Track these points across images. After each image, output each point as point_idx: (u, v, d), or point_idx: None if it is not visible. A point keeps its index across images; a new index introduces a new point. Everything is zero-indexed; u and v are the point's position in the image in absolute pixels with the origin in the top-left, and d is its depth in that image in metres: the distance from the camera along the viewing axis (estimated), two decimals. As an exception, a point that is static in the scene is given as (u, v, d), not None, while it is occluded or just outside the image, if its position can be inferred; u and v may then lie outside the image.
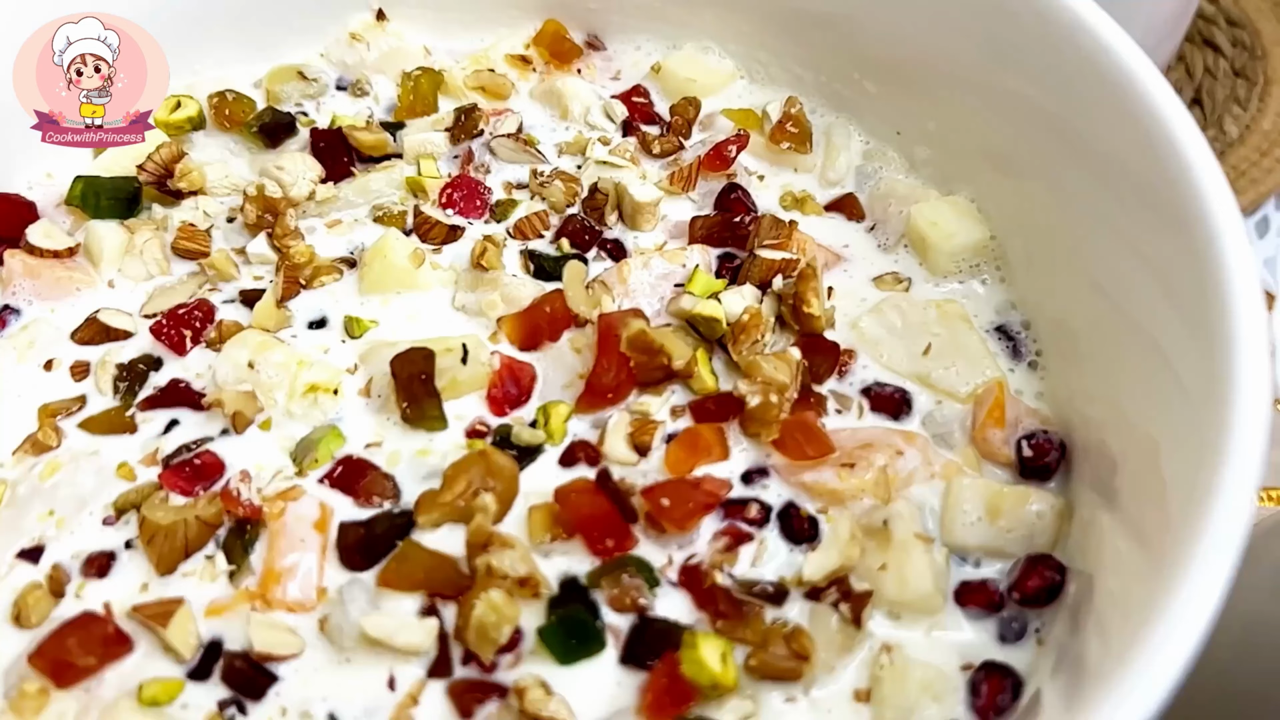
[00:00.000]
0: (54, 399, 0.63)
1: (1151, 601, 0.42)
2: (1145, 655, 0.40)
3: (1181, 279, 0.52)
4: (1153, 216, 0.55)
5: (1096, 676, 0.46)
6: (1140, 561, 0.49)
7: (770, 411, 0.59)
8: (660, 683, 0.51)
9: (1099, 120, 0.59)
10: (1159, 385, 0.53)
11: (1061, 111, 0.62)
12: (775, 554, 0.57)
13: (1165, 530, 0.46)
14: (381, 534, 0.56)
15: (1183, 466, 0.48)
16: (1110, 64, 0.57)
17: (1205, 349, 0.48)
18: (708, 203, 0.73)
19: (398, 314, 0.67)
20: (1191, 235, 0.51)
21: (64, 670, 0.51)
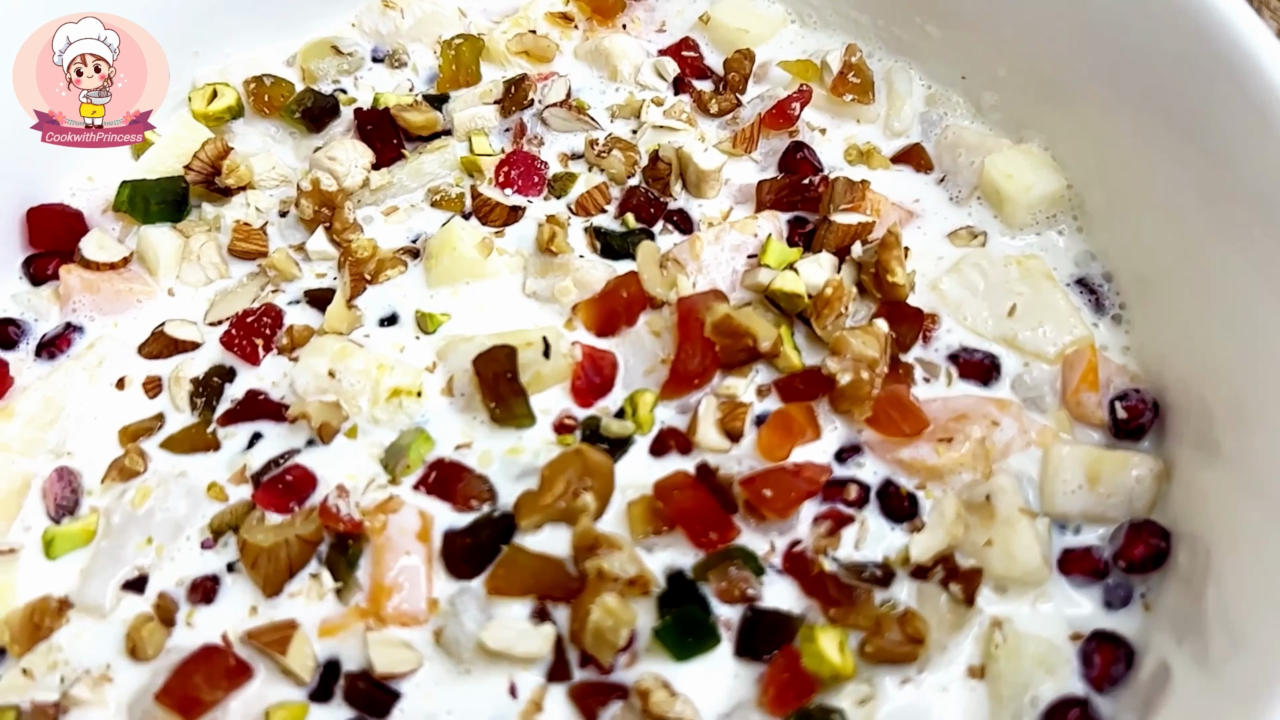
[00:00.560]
0: (132, 420, 0.62)
1: None
2: None
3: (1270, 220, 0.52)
4: (1243, 161, 0.54)
5: (1244, 674, 0.46)
6: (1260, 522, 0.49)
7: (862, 389, 0.58)
8: (781, 677, 0.52)
9: (1188, 64, 0.57)
10: (1258, 343, 0.53)
11: (1146, 54, 0.59)
12: (877, 534, 0.57)
13: None
14: (485, 540, 0.56)
15: None
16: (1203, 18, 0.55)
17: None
18: (771, 163, 0.71)
19: (468, 305, 0.65)
20: None
21: (192, 706, 0.52)
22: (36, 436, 0.61)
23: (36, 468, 0.60)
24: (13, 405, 0.61)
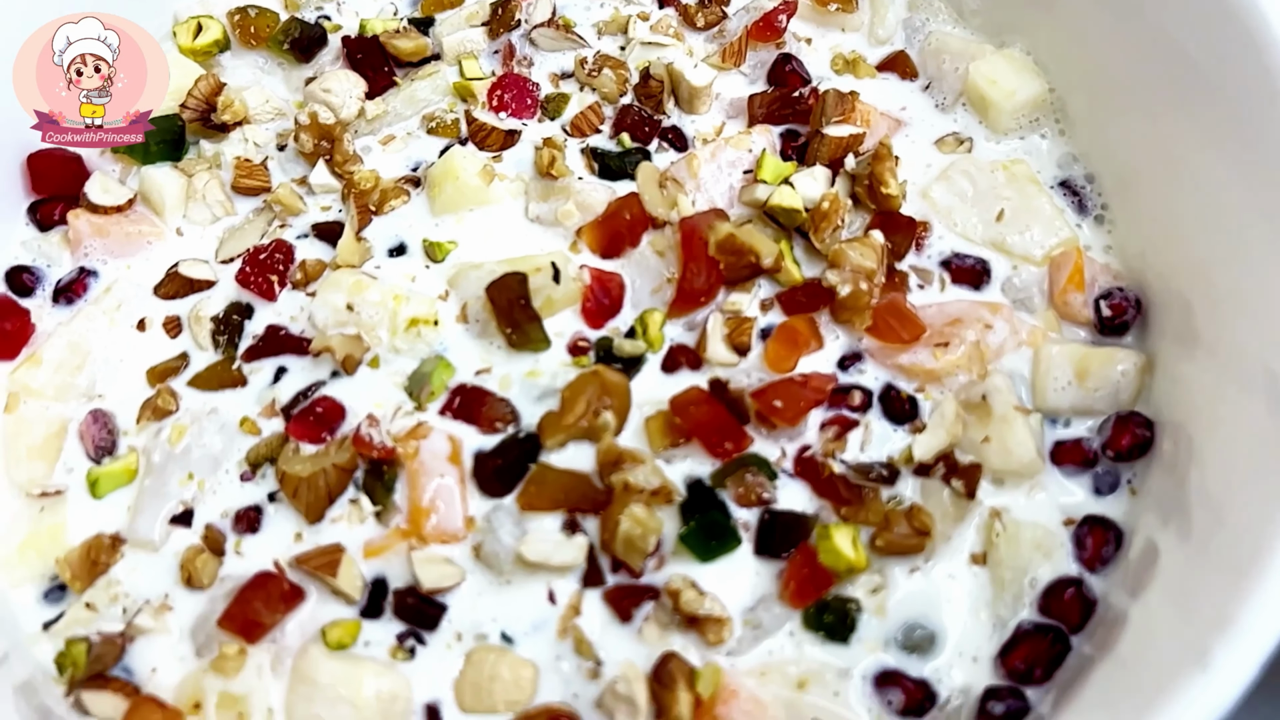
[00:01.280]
0: (158, 360, 0.64)
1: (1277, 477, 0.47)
2: None
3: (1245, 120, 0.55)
4: (1216, 67, 0.57)
5: (1223, 539, 0.50)
6: (1244, 430, 0.52)
7: (862, 299, 0.61)
8: (801, 572, 0.56)
9: None
10: (1231, 238, 0.56)
11: None
12: (881, 436, 0.61)
13: (1276, 405, 0.50)
14: (513, 460, 0.60)
15: (1269, 304, 0.51)
16: None
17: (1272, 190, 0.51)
18: (759, 75, 0.73)
19: (474, 231, 0.67)
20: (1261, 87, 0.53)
21: (253, 628, 0.55)
22: (67, 381, 0.63)
23: (70, 412, 0.62)
24: (39, 352, 0.63)
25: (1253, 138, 0.55)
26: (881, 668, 0.55)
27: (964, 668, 0.55)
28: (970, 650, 0.56)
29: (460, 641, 0.57)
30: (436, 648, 0.56)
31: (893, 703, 0.54)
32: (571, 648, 0.56)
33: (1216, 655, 0.40)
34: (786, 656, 0.56)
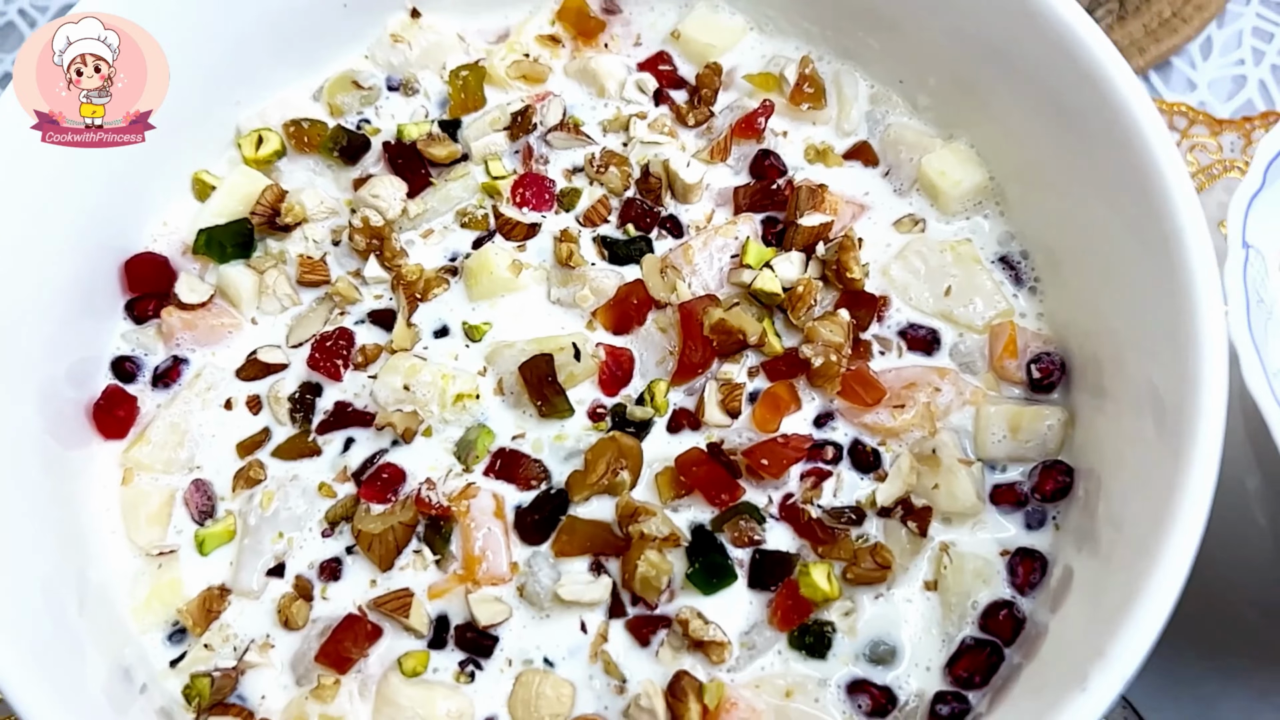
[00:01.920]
0: (245, 435, 0.76)
1: (1161, 480, 0.58)
2: (1175, 529, 0.55)
3: (1132, 205, 0.66)
4: (1101, 152, 0.68)
5: (1125, 551, 0.61)
6: (1139, 452, 0.64)
7: (832, 369, 0.73)
8: (786, 603, 0.68)
9: (1060, 74, 0.70)
10: (1130, 299, 0.68)
11: (1031, 66, 0.72)
12: (850, 484, 0.73)
13: (1160, 421, 0.61)
14: (547, 514, 0.72)
15: (1158, 370, 0.62)
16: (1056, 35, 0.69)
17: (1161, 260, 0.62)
18: (743, 167, 0.84)
19: (505, 314, 0.79)
20: (1139, 171, 0.65)
21: (344, 662, 0.68)
22: (170, 456, 0.75)
23: (176, 482, 0.74)
24: (146, 432, 0.75)
25: (1140, 215, 0.66)
26: (852, 678, 0.68)
27: (919, 676, 0.68)
28: (924, 661, 0.68)
29: (511, 666, 0.69)
30: (491, 672, 0.69)
31: (862, 706, 0.67)
32: (601, 669, 0.69)
33: (1092, 679, 0.53)
34: (776, 671, 0.68)
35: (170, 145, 0.80)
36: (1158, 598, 0.54)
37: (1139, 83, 0.67)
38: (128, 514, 0.73)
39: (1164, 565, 0.55)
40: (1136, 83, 0.66)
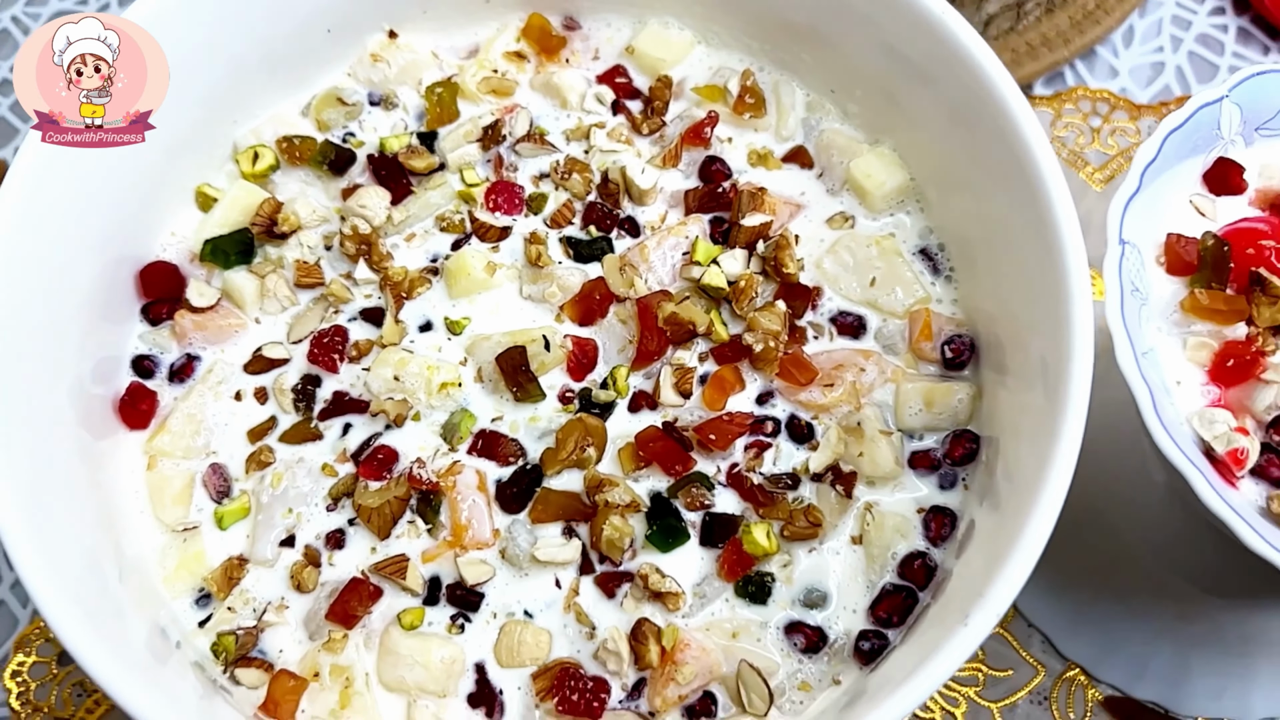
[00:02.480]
0: (254, 423, 0.85)
1: (1043, 440, 0.68)
2: (1050, 475, 0.66)
3: (1021, 200, 0.75)
4: (995, 154, 0.78)
5: (1014, 499, 0.72)
6: (1030, 418, 0.74)
7: (771, 354, 0.84)
8: (732, 558, 0.79)
9: (962, 89, 0.80)
10: (1024, 284, 0.77)
11: (933, 76, 0.82)
12: (787, 454, 0.84)
13: (1040, 394, 0.72)
14: (524, 486, 0.82)
15: (1045, 348, 0.73)
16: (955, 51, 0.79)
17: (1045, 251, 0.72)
18: (693, 170, 0.94)
19: (482, 310, 0.89)
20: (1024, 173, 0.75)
21: (350, 619, 0.78)
22: (189, 444, 0.84)
23: (195, 466, 0.84)
24: (167, 423, 0.84)
25: (1028, 211, 0.75)
26: (789, 620, 0.79)
27: (846, 617, 0.79)
28: (850, 605, 0.79)
29: (496, 618, 0.80)
30: (479, 623, 0.79)
31: (797, 644, 0.78)
32: (574, 618, 0.79)
33: (972, 616, 0.64)
34: (724, 616, 0.79)
35: (175, 162, 0.89)
36: (1029, 545, 0.65)
37: (1021, 95, 0.76)
38: (154, 496, 0.83)
39: (1038, 512, 0.66)
40: (1020, 95, 0.76)
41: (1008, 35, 1.34)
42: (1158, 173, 0.80)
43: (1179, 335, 0.78)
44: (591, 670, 0.78)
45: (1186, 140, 0.81)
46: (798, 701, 0.77)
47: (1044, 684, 1.04)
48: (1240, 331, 0.77)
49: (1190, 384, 0.77)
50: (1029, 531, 0.65)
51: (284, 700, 0.75)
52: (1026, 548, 0.65)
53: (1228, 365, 0.76)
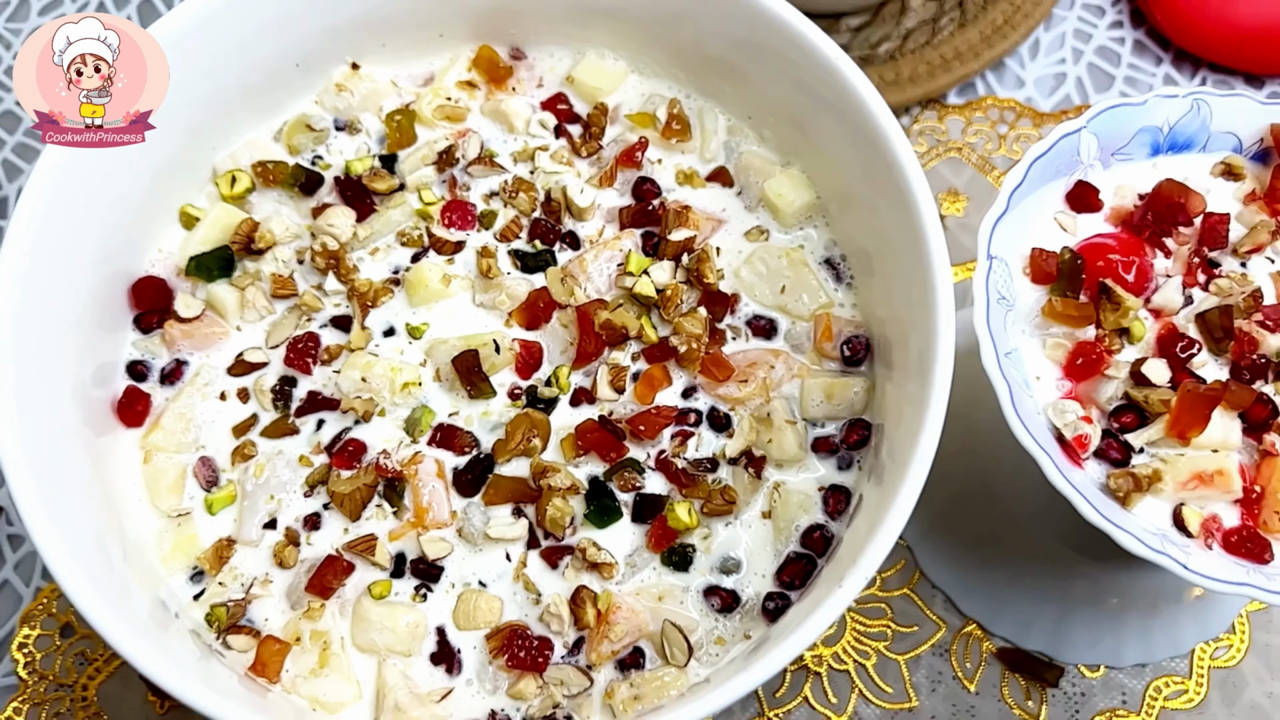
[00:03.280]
0: (238, 420, 0.96)
1: (915, 422, 0.81)
2: (917, 453, 0.78)
3: (900, 216, 0.87)
4: (880, 176, 0.89)
5: (891, 475, 0.85)
6: (910, 407, 0.87)
7: (694, 354, 0.96)
8: (658, 531, 0.91)
9: (853, 116, 0.91)
10: (904, 289, 0.88)
11: (825, 108, 0.94)
12: (708, 442, 0.96)
13: (915, 385, 0.85)
14: (478, 473, 0.94)
15: (919, 345, 0.86)
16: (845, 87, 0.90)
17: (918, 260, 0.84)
18: (627, 189, 1.05)
19: (440, 316, 1.00)
20: (901, 193, 0.86)
21: (326, 590, 0.89)
22: (180, 439, 0.95)
23: (186, 460, 0.95)
24: (160, 422, 0.95)
25: (905, 226, 0.86)
26: (708, 584, 0.91)
27: (756, 581, 0.92)
28: (760, 571, 0.92)
29: (454, 588, 0.91)
30: (439, 593, 0.91)
31: (714, 605, 0.90)
32: (522, 587, 0.91)
33: (846, 579, 0.76)
34: (651, 582, 0.91)
35: (161, 186, 0.99)
36: (897, 515, 0.77)
37: (896, 121, 0.88)
38: (150, 486, 0.94)
39: (905, 486, 0.78)
40: (897, 126, 0.88)
41: (923, 49, 1.46)
42: (1024, 195, 0.92)
43: (1040, 337, 0.91)
44: (537, 631, 0.90)
45: (1050, 165, 0.93)
46: (714, 654, 0.89)
47: (945, 638, 1.17)
48: (1090, 334, 0.90)
49: (1048, 379, 0.89)
50: (897, 503, 0.78)
51: (270, 661, 0.87)
52: (894, 517, 0.77)
53: (1078, 363, 0.88)
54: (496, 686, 0.89)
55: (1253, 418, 0.86)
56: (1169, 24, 1.45)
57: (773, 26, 0.95)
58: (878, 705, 1.15)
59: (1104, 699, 1.15)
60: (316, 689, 0.87)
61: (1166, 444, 0.86)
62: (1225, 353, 0.89)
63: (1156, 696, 1.15)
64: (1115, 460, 0.87)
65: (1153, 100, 0.96)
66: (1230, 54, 1.43)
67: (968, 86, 1.47)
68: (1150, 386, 0.86)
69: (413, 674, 0.89)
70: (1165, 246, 0.93)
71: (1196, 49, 1.45)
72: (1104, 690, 1.15)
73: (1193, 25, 1.43)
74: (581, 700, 0.88)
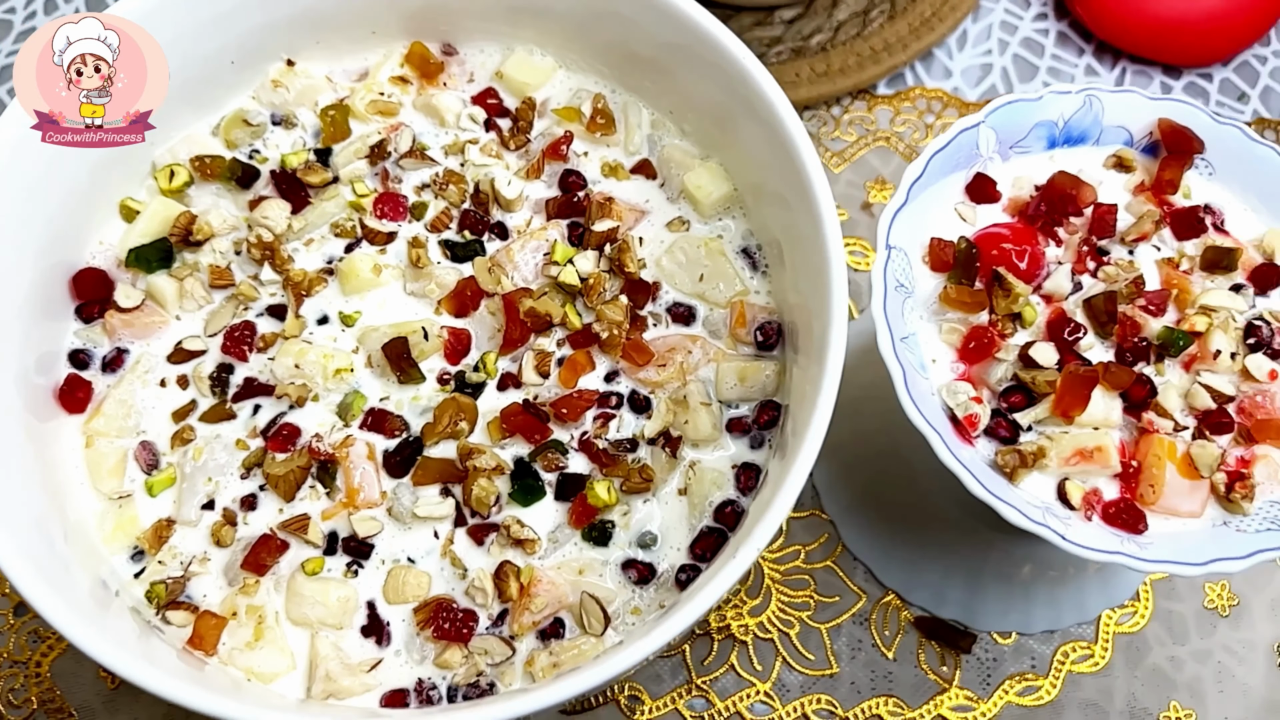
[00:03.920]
0: (177, 406, 1.00)
1: (810, 405, 0.87)
2: (811, 431, 0.83)
3: (803, 208, 0.92)
4: (787, 171, 0.94)
5: (791, 450, 0.91)
6: (811, 389, 0.92)
7: (615, 340, 1.01)
8: (579, 509, 0.96)
9: (763, 115, 0.96)
10: (809, 276, 0.93)
11: (737, 107, 0.98)
12: (628, 423, 1.01)
13: (815, 366, 0.90)
14: (407, 455, 0.98)
15: (819, 329, 0.91)
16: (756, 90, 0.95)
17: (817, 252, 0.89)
18: (554, 181, 1.09)
19: (372, 305, 1.04)
20: (804, 189, 0.91)
21: (261, 567, 0.94)
22: (121, 424, 0.99)
23: (126, 444, 0.99)
24: (101, 408, 0.99)
25: (809, 221, 0.91)
26: (626, 558, 0.96)
27: (671, 555, 0.97)
28: (675, 544, 0.97)
29: (384, 564, 0.96)
30: (370, 569, 0.96)
31: (631, 577, 0.96)
32: (449, 563, 0.96)
33: (739, 552, 0.82)
34: (573, 557, 0.96)
35: (101, 179, 1.02)
36: (790, 488, 0.82)
37: (801, 124, 0.93)
38: (92, 469, 0.98)
39: (799, 461, 0.83)
40: (800, 124, 0.93)
41: (854, 41, 1.51)
42: (924, 187, 0.97)
43: (937, 321, 0.96)
44: (463, 604, 0.95)
45: (949, 159, 0.99)
46: (630, 623, 0.95)
47: (865, 608, 1.23)
48: (983, 319, 0.95)
49: (943, 362, 0.95)
50: (790, 478, 0.83)
51: (208, 635, 0.91)
52: (786, 492, 0.82)
53: (971, 346, 0.94)
54: (424, 657, 0.93)
55: (1133, 397, 0.92)
56: (1089, 17, 1.51)
57: (692, 31, 0.99)
58: (800, 672, 1.20)
59: (1014, 664, 1.21)
60: (252, 660, 0.92)
61: (1052, 422, 0.92)
62: (1110, 336, 0.95)
63: (1064, 661, 1.22)
64: (1004, 438, 0.92)
65: (1048, 96, 1.01)
66: (1148, 45, 1.49)
67: (897, 77, 1.52)
68: (1037, 368, 0.92)
69: (344, 645, 0.93)
70: (1057, 235, 0.99)
71: (1116, 40, 1.51)
72: (1015, 655, 1.22)
73: (1112, 17, 1.49)
74: (504, 668, 0.93)
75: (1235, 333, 0.94)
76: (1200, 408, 0.92)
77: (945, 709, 1.19)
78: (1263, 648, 1.22)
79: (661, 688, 1.19)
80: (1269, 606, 1.24)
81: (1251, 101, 1.51)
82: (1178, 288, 0.96)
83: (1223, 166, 1.01)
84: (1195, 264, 0.98)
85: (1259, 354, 0.93)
